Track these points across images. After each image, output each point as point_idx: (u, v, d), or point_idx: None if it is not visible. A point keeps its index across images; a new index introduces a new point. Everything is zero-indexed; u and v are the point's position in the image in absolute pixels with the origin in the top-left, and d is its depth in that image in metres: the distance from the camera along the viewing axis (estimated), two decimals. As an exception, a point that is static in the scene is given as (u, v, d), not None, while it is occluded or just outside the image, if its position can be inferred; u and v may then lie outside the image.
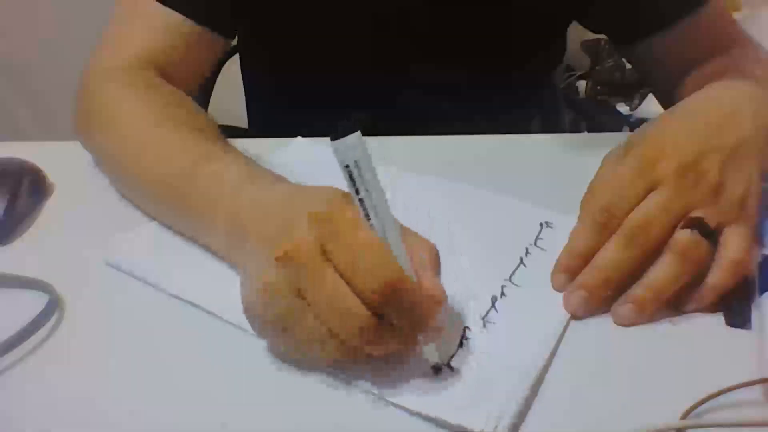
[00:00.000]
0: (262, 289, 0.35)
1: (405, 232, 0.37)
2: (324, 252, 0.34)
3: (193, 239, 0.48)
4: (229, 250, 0.43)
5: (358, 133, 0.33)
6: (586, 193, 0.47)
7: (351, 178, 0.34)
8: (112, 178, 0.56)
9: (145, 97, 0.55)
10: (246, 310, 0.37)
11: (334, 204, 0.36)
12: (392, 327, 0.34)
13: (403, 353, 0.37)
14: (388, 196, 0.35)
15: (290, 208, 0.37)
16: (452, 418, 0.34)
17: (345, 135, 0.33)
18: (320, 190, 0.38)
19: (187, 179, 0.46)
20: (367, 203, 0.34)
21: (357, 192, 0.34)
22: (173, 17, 0.59)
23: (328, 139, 0.33)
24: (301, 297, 0.34)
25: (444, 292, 0.36)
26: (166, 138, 0.51)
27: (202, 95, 0.97)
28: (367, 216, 0.35)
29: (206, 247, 0.46)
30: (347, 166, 0.34)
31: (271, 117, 0.82)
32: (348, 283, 0.33)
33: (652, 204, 0.42)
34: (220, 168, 0.46)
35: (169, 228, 0.50)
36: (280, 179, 0.44)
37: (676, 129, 0.46)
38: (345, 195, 0.36)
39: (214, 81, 1.01)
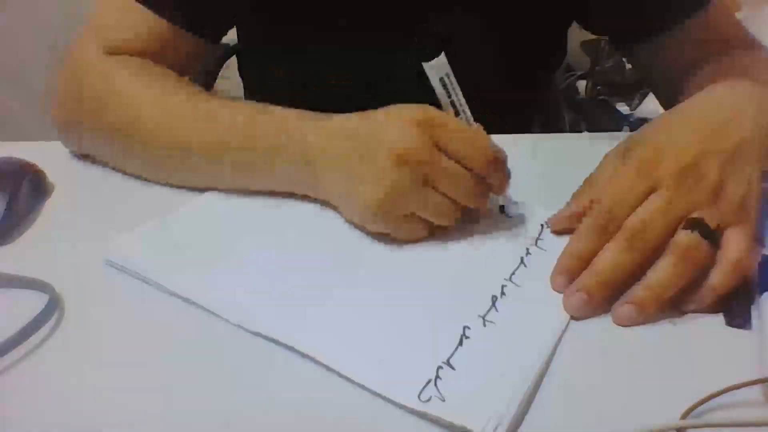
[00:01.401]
0: (392, 190, 0.45)
1: None
2: (437, 146, 0.44)
3: (255, 186, 0.53)
4: (311, 180, 0.50)
5: (443, 54, 0.46)
6: (580, 187, 0.49)
7: (444, 87, 0.46)
8: (128, 158, 0.57)
9: (153, 75, 0.57)
10: (374, 212, 0.46)
11: (426, 110, 0.45)
12: (489, 185, 0.47)
13: (485, 204, 0.49)
14: None
15: (384, 120, 0.46)
16: (452, 418, 0.34)
17: (433, 58, 0.45)
18: (397, 106, 0.47)
19: (250, 126, 0.51)
20: (456, 104, 0.47)
21: (449, 96, 0.47)
22: (147, 15, 0.60)
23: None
24: (425, 184, 0.45)
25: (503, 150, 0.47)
26: (204, 103, 0.54)
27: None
28: (457, 113, 0.47)
29: (275, 187, 0.52)
30: (441, 79, 0.46)
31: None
32: (460, 163, 0.45)
33: (652, 206, 0.42)
34: (281, 110, 0.52)
35: (221, 187, 0.54)
36: (338, 114, 0.50)
37: (676, 130, 0.46)
38: (422, 105, 0.46)
39: (214, 81, 1.01)
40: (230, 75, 0.94)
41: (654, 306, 0.41)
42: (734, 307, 0.41)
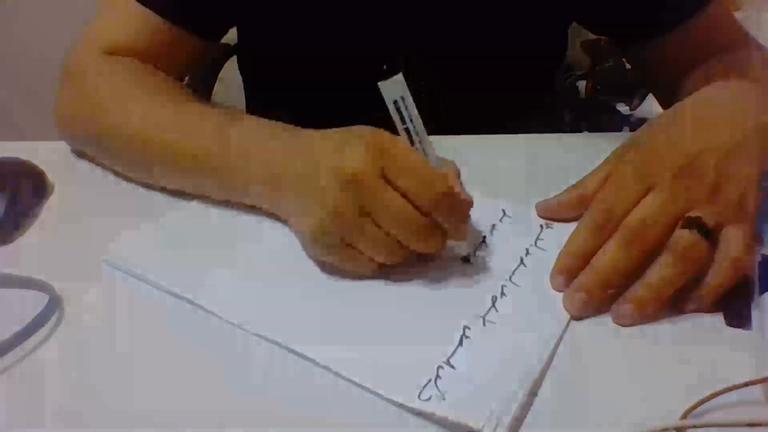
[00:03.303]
0: (332, 212, 0.41)
1: None
2: (383, 175, 0.41)
3: (224, 198, 0.51)
4: (269, 195, 0.48)
5: (401, 74, 0.41)
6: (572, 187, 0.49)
7: (398, 112, 0.42)
8: (120, 160, 0.57)
9: (145, 79, 0.58)
10: (313, 235, 0.43)
11: (380, 135, 0.42)
12: (439, 226, 0.42)
13: (440, 250, 0.44)
14: None
15: (334, 142, 0.43)
16: (452, 416, 0.34)
17: (389, 77, 0.41)
18: (355, 128, 0.44)
19: (216, 140, 0.50)
20: (411, 132, 0.42)
21: (403, 122, 0.42)
22: (148, 16, 0.60)
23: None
24: (365, 213, 0.41)
25: (471, 197, 0.44)
26: (185, 110, 0.54)
27: (202, 96, 0.97)
28: (412, 142, 0.43)
29: (239, 202, 0.50)
30: (395, 102, 0.41)
31: (271, 118, 0.82)
32: (405, 197, 0.41)
33: (649, 205, 0.42)
34: (248, 125, 0.50)
35: (196, 194, 0.53)
36: (304, 130, 0.48)
37: (673, 129, 0.46)
38: (380, 129, 0.42)
39: (214, 81, 1.01)
40: (230, 75, 0.94)
41: (654, 305, 0.41)
42: (734, 306, 0.41)
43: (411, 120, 0.42)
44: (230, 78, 0.93)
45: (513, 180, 0.56)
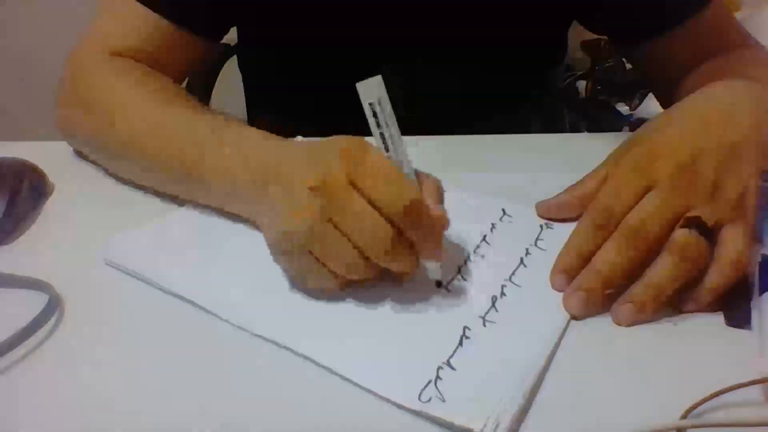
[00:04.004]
0: (298, 218, 0.40)
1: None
2: (351, 182, 0.39)
3: (212, 203, 0.51)
4: (255, 198, 0.46)
5: (380, 77, 0.39)
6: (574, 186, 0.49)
7: (374, 114, 0.40)
8: (113, 161, 0.57)
9: (141, 80, 0.57)
10: (277, 242, 0.42)
11: (353, 142, 0.40)
12: (410, 243, 0.40)
13: (412, 272, 0.43)
14: None
15: (316, 149, 0.42)
16: (451, 418, 0.34)
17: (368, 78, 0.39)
18: (338, 137, 0.42)
19: (208, 142, 0.49)
20: (386, 136, 0.40)
21: (378, 126, 0.40)
22: (149, 16, 0.60)
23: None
24: (332, 223, 0.39)
25: (447, 217, 0.41)
26: (176, 113, 0.53)
27: (202, 96, 0.97)
28: (386, 148, 0.41)
29: (226, 207, 0.50)
30: (371, 104, 0.39)
31: (271, 118, 0.82)
32: (374, 207, 0.39)
33: (649, 204, 0.42)
34: (241, 130, 0.49)
35: (184, 198, 0.52)
36: (296, 141, 0.47)
37: (673, 129, 0.46)
38: (361, 138, 0.41)
39: (215, 81, 1.01)
40: (230, 75, 0.94)
41: (654, 305, 0.41)
42: (734, 306, 0.42)
43: (387, 124, 0.40)
44: (230, 78, 0.93)
45: (513, 180, 0.56)
